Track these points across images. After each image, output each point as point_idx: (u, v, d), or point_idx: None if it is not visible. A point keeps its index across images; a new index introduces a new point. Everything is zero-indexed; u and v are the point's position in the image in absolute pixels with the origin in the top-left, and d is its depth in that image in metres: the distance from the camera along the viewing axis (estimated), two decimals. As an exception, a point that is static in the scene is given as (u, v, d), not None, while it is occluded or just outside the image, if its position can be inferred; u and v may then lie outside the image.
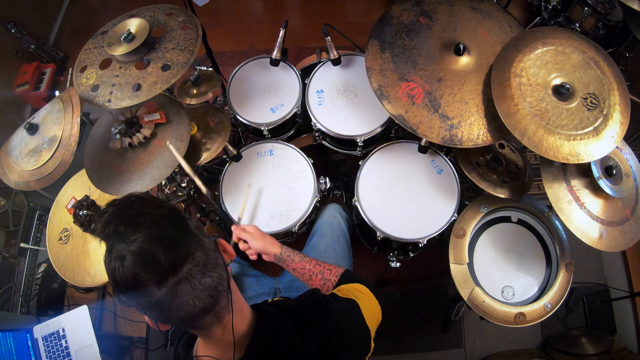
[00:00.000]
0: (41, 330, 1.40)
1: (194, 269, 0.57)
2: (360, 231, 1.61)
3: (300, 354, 0.70)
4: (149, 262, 0.53)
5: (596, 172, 1.15)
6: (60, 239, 1.33)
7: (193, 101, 1.53)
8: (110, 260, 0.54)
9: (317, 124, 1.46)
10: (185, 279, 0.56)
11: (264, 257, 1.12)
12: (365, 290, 0.91)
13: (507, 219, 1.44)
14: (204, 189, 1.19)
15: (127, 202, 0.56)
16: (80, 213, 1.24)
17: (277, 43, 1.47)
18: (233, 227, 1.15)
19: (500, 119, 1.11)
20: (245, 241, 1.13)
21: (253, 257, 1.14)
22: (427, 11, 1.32)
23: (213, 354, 0.68)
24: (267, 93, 1.56)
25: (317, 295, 0.83)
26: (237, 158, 1.47)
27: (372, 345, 0.83)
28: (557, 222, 1.36)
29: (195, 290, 0.57)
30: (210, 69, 1.90)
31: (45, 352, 1.37)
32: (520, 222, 1.43)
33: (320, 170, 1.48)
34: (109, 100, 1.12)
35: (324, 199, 1.55)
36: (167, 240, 0.54)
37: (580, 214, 1.16)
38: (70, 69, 1.62)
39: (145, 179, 1.20)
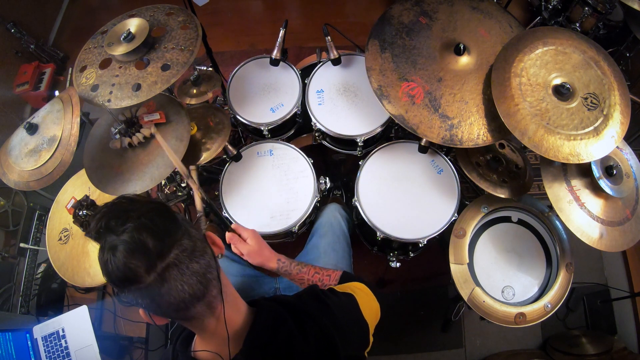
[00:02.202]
0: (41, 330, 1.40)
1: (181, 254, 0.59)
2: (360, 231, 1.61)
3: (300, 347, 0.70)
4: (139, 249, 0.55)
5: (596, 172, 1.15)
6: (60, 239, 1.33)
7: (193, 101, 1.53)
8: (103, 253, 0.57)
9: (317, 124, 1.46)
10: (173, 264, 0.58)
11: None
12: (364, 287, 0.92)
13: (507, 219, 1.43)
14: (200, 193, 1.12)
15: (118, 203, 0.60)
16: (80, 213, 1.24)
17: (277, 43, 1.47)
18: (230, 237, 1.06)
19: (500, 119, 1.10)
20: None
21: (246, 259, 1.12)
22: (427, 11, 1.32)
23: (210, 349, 0.68)
24: (267, 93, 1.56)
25: (315, 289, 0.84)
26: (237, 158, 1.47)
27: (371, 339, 0.83)
28: (557, 222, 1.36)
29: (184, 276, 0.59)
30: (210, 68, 1.90)
31: (45, 352, 1.37)
32: (521, 222, 1.43)
33: (320, 170, 1.48)
34: (109, 100, 1.11)
35: (324, 199, 1.54)
36: (155, 229, 0.57)
37: (581, 214, 1.16)
38: (70, 68, 1.61)
39: (145, 179, 1.20)
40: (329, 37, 1.44)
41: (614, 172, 1.15)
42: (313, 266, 1.05)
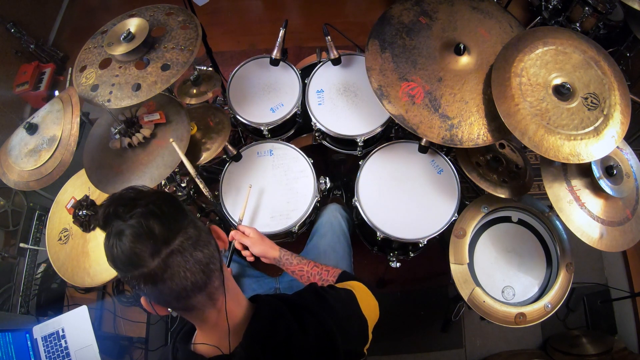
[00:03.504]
0: (41, 330, 1.40)
1: (185, 242, 0.60)
2: (360, 231, 1.61)
3: (299, 340, 0.71)
4: (145, 234, 0.57)
5: (597, 172, 1.15)
6: (60, 239, 1.33)
7: (193, 101, 1.53)
8: (109, 239, 0.58)
9: (317, 124, 1.46)
10: (177, 251, 0.59)
11: (264, 259, 1.14)
12: (362, 286, 0.93)
13: (507, 219, 1.43)
14: (206, 190, 1.18)
15: (126, 193, 0.61)
16: (80, 213, 1.24)
17: (277, 43, 1.47)
18: (233, 232, 1.16)
19: (500, 119, 1.10)
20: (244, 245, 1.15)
21: (250, 259, 1.16)
22: (427, 11, 1.32)
23: (210, 342, 0.68)
24: (267, 93, 1.55)
25: (315, 286, 0.85)
26: (237, 158, 1.47)
27: (370, 336, 0.83)
28: (557, 222, 1.36)
29: (187, 263, 0.60)
30: (210, 68, 1.90)
31: (45, 352, 1.37)
32: (521, 222, 1.43)
33: (320, 170, 1.48)
34: (109, 100, 1.11)
35: (324, 199, 1.54)
36: (162, 216, 0.58)
37: (581, 214, 1.16)
38: (70, 68, 1.61)
39: (144, 179, 1.20)
40: (329, 37, 1.43)
41: (614, 172, 1.15)
42: (313, 261, 1.09)
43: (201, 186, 1.19)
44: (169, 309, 0.66)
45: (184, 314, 0.68)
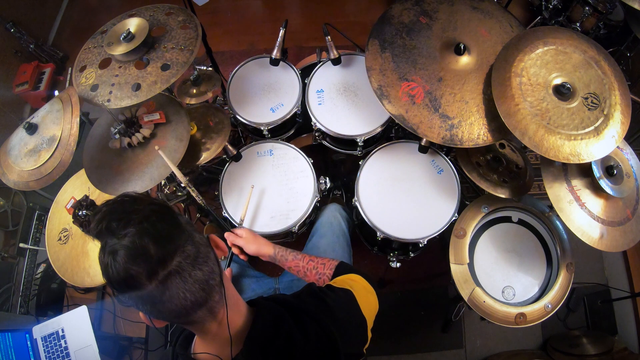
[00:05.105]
0: (40, 330, 1.40)
1: (183, 261, 0.57)
2: (360, 231, 1.61)
3: (300, 345, 0.71)
4: (140, 255, 0.54)
5: (597, 172, 1.15)
6: (60, 239, 1.32)
7: (193, 101, 1.52)
8: (104, 256, 0.56)
9: (317, 124, 1.46)
10: (176, 272, 0.56)
11: (261, 257, 1.13)
12: (361, 279, 0.92)
13: (507, 219, 1.43)
14: (199, 199, 1.19)
15: (120, 202, 0.58)
16: (80, 213, 1.24)
17: (277, 42, 1.46)
18: (226, 234, 1.16)
19: (500, 119, 1.10)
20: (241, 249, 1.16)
21: (243, 257, 1.16)
22: (427, 10, 1.32)
23: (211, 351, 0.68)
24: (267, 93, 1.55)
25: (313, 287, 0.84)
26: (237, 158, 1.47)
27: (370, 335, 0.83)
28: (557, 222, 1.36)
29: (186, 283, 0.58)
30: (210, 68, 1.90)
31: (45, 352, 1.37)
32: (521, 222, 1.43)
33: (320, 170, 1.48)
34: (109, 100, 1.11)
35: (324, 199, 1.54)
36: (157, 234, 0.55)
37: (581, 214, 1.16)
38: (70, 68, 1.62)
39: (144, 178, 1.19)
40: (329, 37, 1.43)
41: (615, 172, 1.15)
42: (309, 255, 1.08)
43: (194, 194, 1.19)
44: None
45: (184, 325, 0.67)
